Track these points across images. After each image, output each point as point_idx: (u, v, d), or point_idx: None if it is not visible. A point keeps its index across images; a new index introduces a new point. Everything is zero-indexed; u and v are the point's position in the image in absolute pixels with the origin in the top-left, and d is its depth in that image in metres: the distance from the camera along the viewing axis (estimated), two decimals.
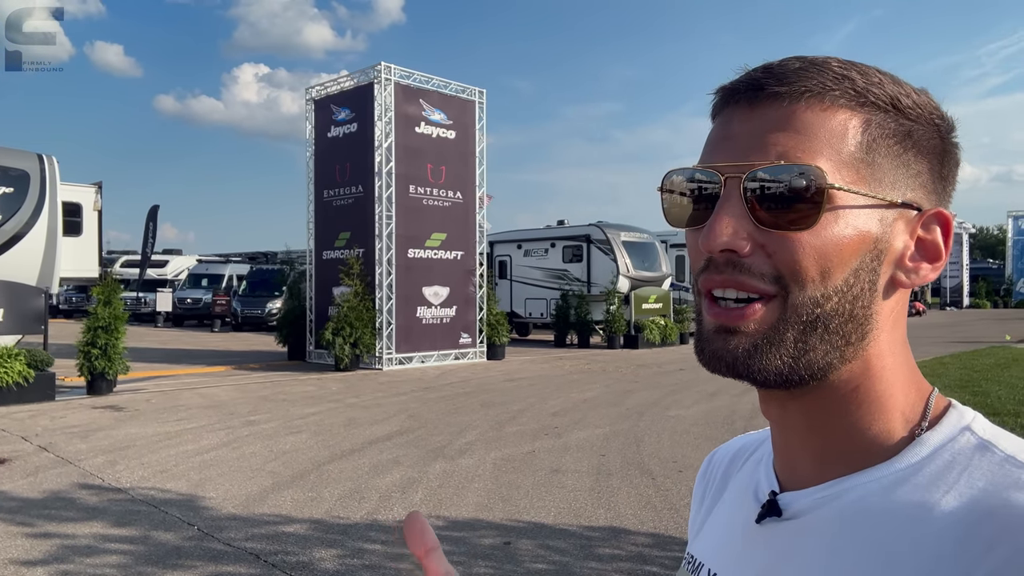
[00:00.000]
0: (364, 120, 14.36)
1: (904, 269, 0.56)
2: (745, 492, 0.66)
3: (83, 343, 10.42)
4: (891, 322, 0.57)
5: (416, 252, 14.52)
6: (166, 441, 7.35)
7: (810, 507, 0.57)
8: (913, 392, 0.57)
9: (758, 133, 0.54)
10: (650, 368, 14.07)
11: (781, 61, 0.56)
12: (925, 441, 0.55)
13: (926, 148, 0.56)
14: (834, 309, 0.54)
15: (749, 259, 0.54)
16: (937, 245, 0.56)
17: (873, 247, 0.54)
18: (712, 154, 0.57)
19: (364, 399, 10.27)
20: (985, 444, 0.53)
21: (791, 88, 0.54)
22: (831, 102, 0.54)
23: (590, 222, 21.00)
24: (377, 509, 5.15)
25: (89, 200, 14.10)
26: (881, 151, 0.54)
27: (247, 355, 16.87)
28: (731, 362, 0.55)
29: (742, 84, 0.57)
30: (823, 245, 0.53)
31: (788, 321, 0.54)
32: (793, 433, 0.60)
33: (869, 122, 0.54)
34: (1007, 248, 48.05)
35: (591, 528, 4.76)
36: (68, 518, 4.91)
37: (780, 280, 0.54)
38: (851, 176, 0.53)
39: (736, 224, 0.53)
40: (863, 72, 0.55)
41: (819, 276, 0.53)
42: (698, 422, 8.28)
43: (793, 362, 0.54)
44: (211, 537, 4.58)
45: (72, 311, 31.20)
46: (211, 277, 29.47)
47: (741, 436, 0.77)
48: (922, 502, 0.52)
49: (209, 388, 11.32)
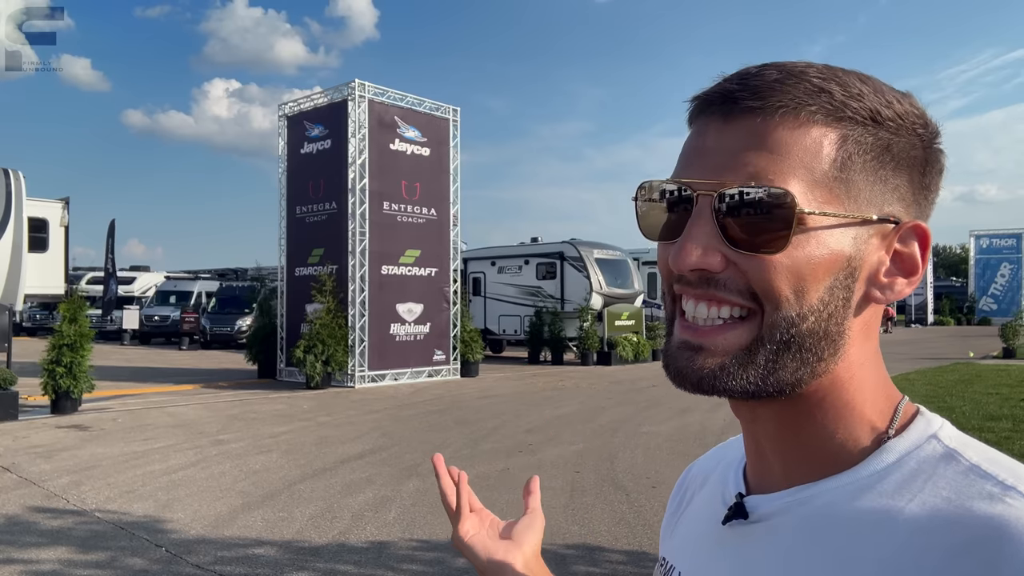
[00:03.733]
0: (338, 137, 14.33)
1: (878, 285, 0.55)
2: (715, 495, 0.67)
3: (47, 361, 10.19)
4: (863, 335, 0.56)
5: (390, 269, 14.47)
6: (133, 461, 7.21)
7: (776, 511, 0.57)
8: (882, 399, 0.57)
9: (732, 150, 0.53)
10: (623, 385, 14.12)
11: (758, 70, 0.55)
12: (891, 448, 0.55)
13: (906, 160, 0.54)
14: (809, 328, 0.53)
15: (722, 275, 0.53)
16: (914, 258, 0.55)
17: (847, 265, 0.53)
18: (686, 168, 0.56)
19: (336, 417, 10.16)
20: (951, 453, 0.53)
21: (765, 103, 0.53)
22: (807, 117, 0.52)
23: (563, 239, 21.07)
24: (349, 529, 5.09)
25: (56, 216, 13.88)
26: (857, 167, 0.53)
27: (216, 373, 16.62)
28: (696, 381, 0.55)
29: (716, 96, 0.55)
30: (796, 266, 0.52)
31: (762, 341, 0.53)
32: (763, 437, 0.60)
33: (845, 138, 0.53)
34: (970, 267, 49.09)
35: (566, 546, 4.75)
36: (31, 542, 4.78)
37: (755, 297, 0.53)
38: (824, 196, 0.52)
39: (707, 243, 0.53)
40: (842, 83, 0.54)
41: (793, 296, 0.52)
42: (671, 438, 8.32)
43: (761, 381, 0.54)
44: (179, 560, 4.49)
45: (36, 328, 30.50)
46: (179, 294, 29.08)
47: (720, 447, 0.76)
48: (886, 509, 0.52)
49: (177, 407, 11.12)
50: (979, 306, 47.26)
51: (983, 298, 47.38)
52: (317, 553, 4.62)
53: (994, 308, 46.07)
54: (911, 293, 0.57)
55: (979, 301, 47.36)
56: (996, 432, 8.27)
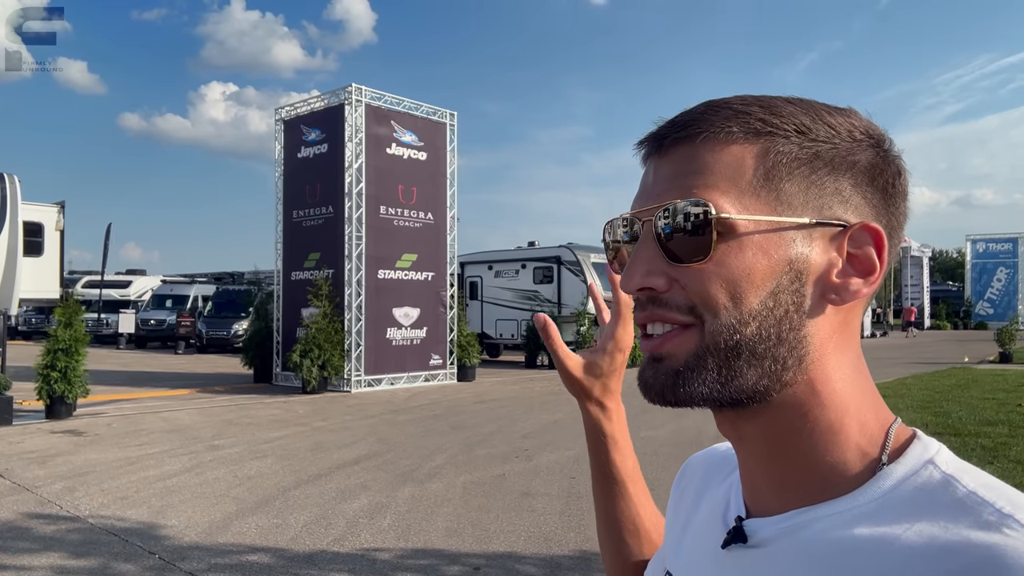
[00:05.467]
0: (334, 141, 14.32)
1: (832, 287, 0.55)
2: (715, 513, 0.67)
3: (42, 366, 10.16)
4: (834, 344, 0.56)
5: (386, 273, 14.45)
6: (127, 467, 7.18)
7: (773, 536, 0.57)
8: (871, 421, 0.57)
9: (667, 178, 0.57)
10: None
11: (686, 110, 0.59)
12: (888, 474, 0.54)
13: (843, 165, 0.56)
14: (755, 334, 0.54)
15: (667, 294, 0.56)
16: (870, 259, 0.56)
17: (789, 268, 0.54)
18: (634, 203, 0.61)
19: (332, 422, 10.14)
20: (948, 479, 0.53)
21: (689, 132, 0.57)
22: (726, 138, 0.56)
23: (560, 243, 21.09)
24: (344, 535, 5.07)
25: (51, 220, 13.84)
26: (783, 175, 0.55)
27: (211, 378, 16.58)
28: (660, 390, 0.57)
29: (650, 137, 0.60)
30: (729, 272, 0.54)
31: (707, 348, 0.55)
32: (751, 457, 0.60)
33: (767, 151, 0.55)
34: (966, 271, 49.27)
35: (561, 554, 4.73)
36: (24, 548, 4.75)
37: (694, 310, 0.55)
38: (754, 205, 0.54)
39: (649, 264, 0.56)
40: (766, 105, 0.57)
41: (730, 302, 0.54)
42: (667, 443, 8.31)
43: (721, 388, 0.55)
44: (173, 566, 4.46)
45: (31, 332, 30.44)
46: (175, 298, 28.97)
47: (719, 446, 0.76)
48: (884, 537, 0.51)
49: (172, 412, 11.09)
50: (975, 310, 47.40)
51: (979, 302, 47.53)
52: (311, 560, 4.59)
53: (990, 312, 46.22)
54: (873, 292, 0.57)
55: (975, 305, 47.51)
56: (993, 437, 8.27)
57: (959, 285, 51.03)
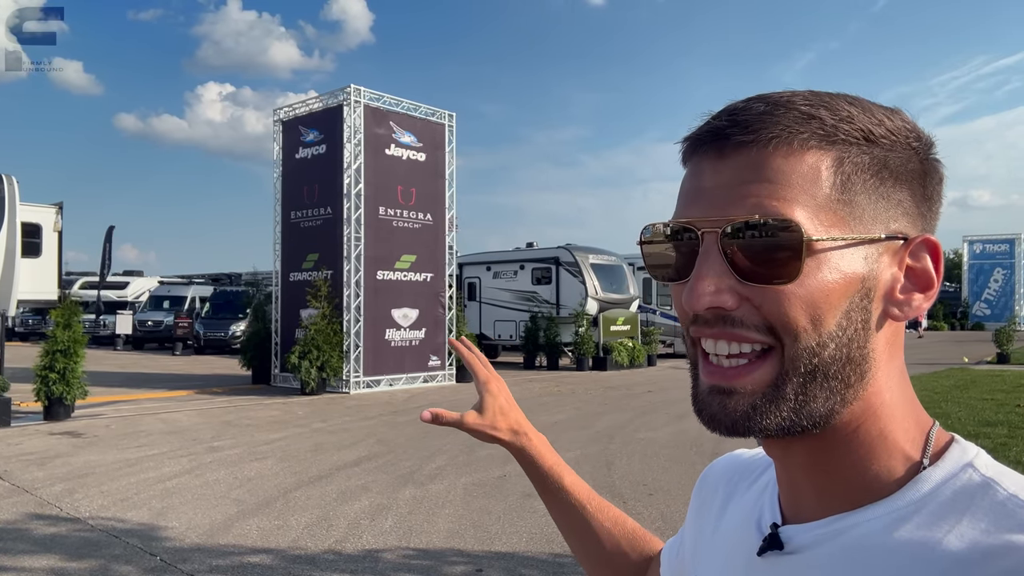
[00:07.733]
0: (333, 142, 14.30)
1: (896, 303, 0.55)
2: (748, 521, 0.65)
3: (40, 367, 10.12)
4: (887, 355, 0.56)
5: (385, 274, 14.43)
6: (126, 468, 7.15)
7: (812, 542, 0.57)
8: (913, 427, 0.56)
9: (730, 185, 0.53)
10: (619, 390, 14.11)
11: (745, 104, 0.55)
12: (927, 478, 0.54)
13: (904, 174, 0.55)
14: (831, 356, 0.53)
15: (737, 312, 0.53)
16: (928, 273, 0.55)
17: (861, 286, 0.53)
18: (687, 208, 0.56)
19: (331, 424, 10.12)
20: (988, 482, 0.53)
21: (757, 136, 0.53)
22: (800, 144, 0.52)
23: (559, 244, 21.06)
24: (345, 537, 5.06)
25: (49, 221, 13.82)
26: (857, 187, 0.53)
27: (210, 379, 16.55)
28: (731, 424, 0.55)
29: (707, 135, 0.55)
30: (809, 294, 0.52)
31: (787, 375, 0.53)
32: (796, 470, 0.59)
33: (842, 160, 0.53)
34: (963, 272, 49.31)
35: (563, 555, 4.72)
36: (23, 550, 4.73)
37: (772, 331, 0.53)
38: (830, 219, 0.52)
39: (718, 281, 0.53)
40: (831, 107, 0.54)
41: (811, 325, 0.52)
42: (668, 444, 8.30)
43: (794, 415, 0.54)
44: (173, 568, 4.44)
45: (29, 334, 30.37)
46: (173, 299, 28.89)
47: (742, 452, 0.76)
48: (924, 541, 0.51)
49: (171, 413, 11.06)
50: (972, 311, 47.45)
51: (976, 303, 47.58)
52: (313, 562, 4.58)
53: (987, 313, 46.27)
54: (930, 307, 0.57)
55: (972, 306, 47.56)
56: (992, 438, 8.28)
57: (956, 286, 51.07)
